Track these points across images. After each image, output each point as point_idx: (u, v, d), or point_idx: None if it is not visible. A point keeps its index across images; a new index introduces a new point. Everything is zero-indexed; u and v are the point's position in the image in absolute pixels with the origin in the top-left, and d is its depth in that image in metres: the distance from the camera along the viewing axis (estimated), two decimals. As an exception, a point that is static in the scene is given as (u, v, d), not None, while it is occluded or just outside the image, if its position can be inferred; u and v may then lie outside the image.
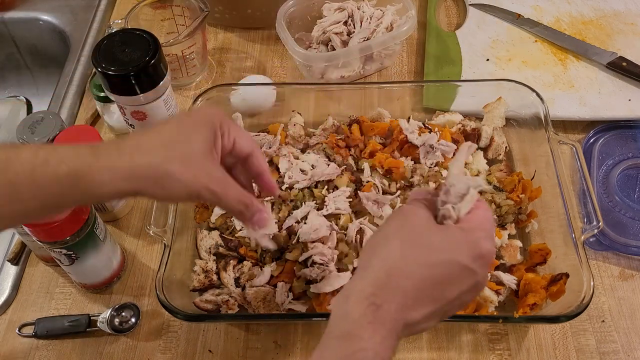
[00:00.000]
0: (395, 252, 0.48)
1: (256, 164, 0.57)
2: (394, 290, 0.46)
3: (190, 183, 0.50)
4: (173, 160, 0.49)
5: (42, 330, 0.74)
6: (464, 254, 0.48)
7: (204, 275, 0.74)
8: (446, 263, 0.47)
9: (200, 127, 0.52)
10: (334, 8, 1.00)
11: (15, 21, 1.15)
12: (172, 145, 0.50)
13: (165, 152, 0.50)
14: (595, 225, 0.69)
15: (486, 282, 0.51)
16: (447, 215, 0.51)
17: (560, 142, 0.77)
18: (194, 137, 0.51)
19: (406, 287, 0.46)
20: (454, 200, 0.51)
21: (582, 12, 1.06)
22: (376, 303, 0.45)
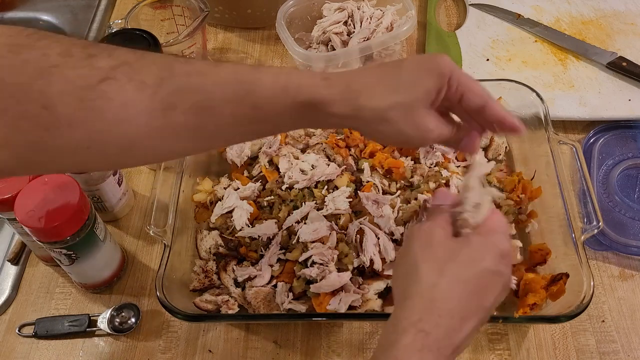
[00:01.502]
0: (430, 277, 0.48)
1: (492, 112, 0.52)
2: (439, 315, 0.46)
3: (403, 131, 0.51)
4: (394, 108, 0.50)
5: (42, 330, 0.74)
6: (489, 260, 0.49)
7: (204, 275, 0.74)
8: (477, 274, 0.48)
9: (428, 76, 0.51)
10: (334, 8, 1.00)
11: (15, 21, 1.15)
12: (397, 92, 0.50)
13: (389, 98, 0.50)
14: (595, 225, 0.69)
15: (511, 277, 0.53)
16: (465, 224, 0.52)
17: (560, 142, 0.77)
18: (421, 86, 0.50)
19: (450, 309, 0.47)
20: (470, 210, 0.52)
21: (582, 12, 1.06)
22: (425, 330, 0.45)
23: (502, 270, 0.50)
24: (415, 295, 0.48)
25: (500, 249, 0.50)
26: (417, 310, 0.47)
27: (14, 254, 0.81)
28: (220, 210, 0.78)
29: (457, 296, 0.47)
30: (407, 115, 0.50)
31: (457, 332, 0.47)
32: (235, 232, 0.76)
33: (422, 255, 0.50)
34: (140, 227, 0.84)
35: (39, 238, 0.66)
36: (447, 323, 0.46)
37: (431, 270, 0.48)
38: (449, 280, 0.48)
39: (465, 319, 0.47)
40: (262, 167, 0.82)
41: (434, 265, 0.49)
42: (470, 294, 0.48)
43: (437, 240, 0.51)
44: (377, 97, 0.50)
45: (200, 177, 0.83)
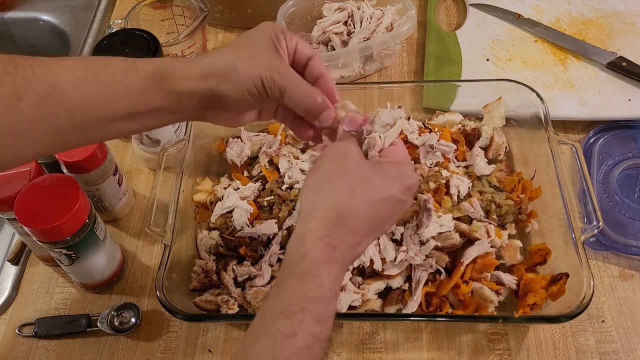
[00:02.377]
0: (341, 193, 0.51)
1: (316, 67, 0.58)
2: (345, 231, 0.49)
3: (255, 74, 0.53)
4: (240, 58, 0.54)
5: (42, 330, 0.74)
6: (398, 188, 0.53)
7: (204, 275, 0.74)
8: (386, 199, 0.52)
9: (263, 35, 0.56)
10: (334, 8, 1.00)
11: (15, 21, 1.15)
12: (239, 48, 0.55)
13: (233, 52, 0.54)
14: (595, 225, 0.69)
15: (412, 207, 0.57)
16: (373, 144, 0.55)
17: (560, 142, 0.77)
18: (259, 41, 0.55)
19: (356, 226, 0.50)
20: (380, 130, 0.56)
21: (582, 12, 1.06)
22: (331, 244, 0.48)
23: (406, 199, 0.54)
24: (326, 209, 0.50)
25: (409, 181, 0.54)
26: (325, 225, 0.49)
27: (14, 254, 0.81)
28: (220, 210, 0.78)
29: (363, 216, 0.50)
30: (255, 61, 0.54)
31: (357, 246, 0.51)
32: (235, 232, 0.76)
33: (336, 173, 0.52)
34: (140, 227, 0.84)
35: (39, 238, 0.66)
36: (351, 239, 0.50)
37: (345, 187, 0.51)
38: (360, 201, 0.51)
39: (365, 237, 0.51)
40: (262, 167, 0.82)
41: (348, 183, 0.51)
42: (375, 216, 0.51)
43: (352, 158, 0.53)
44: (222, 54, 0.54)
45: (200, 177, 0.83)
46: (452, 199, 0.76)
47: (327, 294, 0.47)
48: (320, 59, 0.58)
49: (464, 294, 0.70)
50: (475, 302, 0.70)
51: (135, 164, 0.91)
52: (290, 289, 0.47)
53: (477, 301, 0.70)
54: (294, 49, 0.57)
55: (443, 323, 0.73)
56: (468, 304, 0.70)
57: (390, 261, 0.71)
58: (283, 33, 0.56)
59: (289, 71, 0.55)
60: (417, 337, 0.73)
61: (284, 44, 0.56)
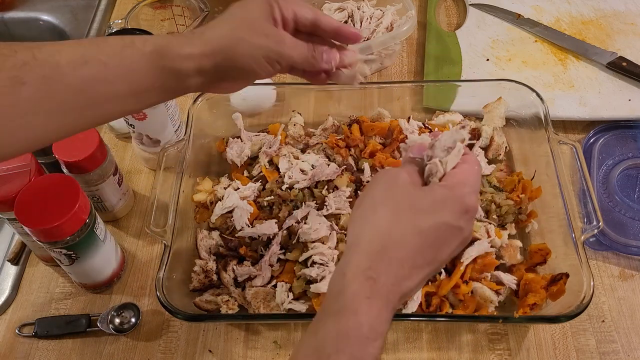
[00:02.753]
0: (385, 222, 0.46)
1: (326, 23, 0.57)
2: (389, 262, 0.45)
3: (261, 43, 0.53)
4: (239, 28, 0.54)
5: (42, 330, 0.74)
6: (450, 214, 0.47)
7: (204, 275, 0.74)
8: (436, 226, 0.46)
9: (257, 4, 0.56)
10: (334, 8, 1.00)
11: (15, 21, 1.15)
12: (237, 19, 0.55)
13: (231, 24, 0.54)
14: (595, 225, 0.69)
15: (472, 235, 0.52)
16: (434, 170, 0.49)
17: (560, 142, 0.77)
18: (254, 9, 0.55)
19: (401, 257, 0.45)
20: (441, 155, 0.50)
21: (582, 12, 1.06)
22: (373, 277, 0.44)
23: (463, 225, 0.48)
24: (368, 240, 0.46)
25: (464, 204, 0.48)
26: (367, 257, 0.45)
27: (14, 254, 0.81)
28: (220, 210, 0.78)
29: (410, 246, 0.46)
30: (254, 29, 0.54)
31: (406, 280, 0.46)
32: (235, 232, 0.76)
33: (382, 200, 0.48)
34: (140, 227, 0.84)
35: (39, 238, 0.66)
36: (396, 271, 0.45)
37: (388, 216, 0.47)
38: (405, 228, 0.46)
39: (416, 269, 0.46)
40: (262, 167, 0.82)
41: (391, 211, 0.47)
42: (425, 246, 0.46)
43: (401, 184, 0.49)
44: (220, 26, 0.54)
45: (200, 177, 0.83)
46: (452, 199, 0.76)
47: (366, 334, 0.42)
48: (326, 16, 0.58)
49: (464, 294, 0.70)
50: (475, 302, 0.70)
51: (135, 164, 0.91)
52: (327, 326, 0.43)
53: (477, 301, 0.70)
54: (292, 17, 0.56)
55: (443, 323, 0.73)
56: (468, 304, 0.70)
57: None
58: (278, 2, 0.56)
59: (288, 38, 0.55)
60: (417, 337, 0.73)
61: (278, 13, 0.55)
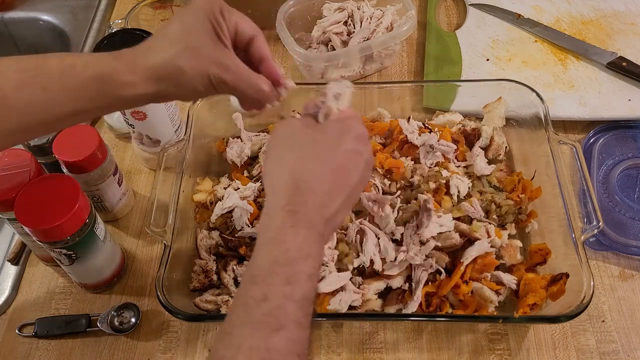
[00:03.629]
0: (292, 163, 0.51)
1: (258, 48, 0.56)
2: (304, 195, 0.50)
3: (202, 75, 0.52)
4: (182, 55, 0.51)
5: (42, 330, 0.74)
6: (346, 141, 0.53)
7: (204, 275, 0.74)
8: (336, 154, 0.52)
9: (201, 17, 0.53)
10: (334, 8, 1.00)
11: (15, 21, 1.15)
12: (180, 41, 0.52)
13: (174, 48, 0.52)
14: (595, 225, 0.69)
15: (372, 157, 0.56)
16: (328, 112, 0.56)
17: (560, 142, 0.77)
18: (198, 28, 0.52)
19: (314, 187, 0.50)
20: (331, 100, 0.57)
21: (582, 12, 1.06)
22: (292, 210, 0.49)
23: (361, 149, 0.53)
24: (284, 183, 0.51)
25: (355, 131, 0.54)
26: (284, 196, 0.50)
27: (14, 254, 0.81)
28: (220, 210, 0.78)
29: (319, 176, 0.51)
30: (199, 59, 0.52)
31: (325, 207, 0.50)
32: (235, 232, 0.76)
33: (284, 145, 0.53)
34: (140, 227, 0.84)
35: (39, 238, 0.66)
36: (313, 200, 0.50)
37: (293, 158, 0.51)
38: (310, 163, 0.51)
39: (331, 195, 0.51)
40: (262, 167, 0.82)
41: (295, 153, 0.52)
42: (333, 172, 0.51)
43: (298, 128, 0.54)
44: (163, 51, 0.52)
45: (200, 177, 0.83)
46: (452, 199, 0.76)
47: (294, 255, 0.47)
48: (263, 40, 0.56)
49: (464, 294, 0.70)
50: (475, 302, 0.70)
51: (135, 164, 0.91)
52: (258, 258, 0.48)
53: (477, 301, 0.70)
54: (234, 30, 0.55)
55: (443, 323, 0.73)
56: (468, 304, 0.70)
57: (390, 261, 0.71)
58: (221, 11, 0.53)
59: (235, 64, 0.54)
60: (417, 337, 0.73)
61: (225, 27, 0.53)
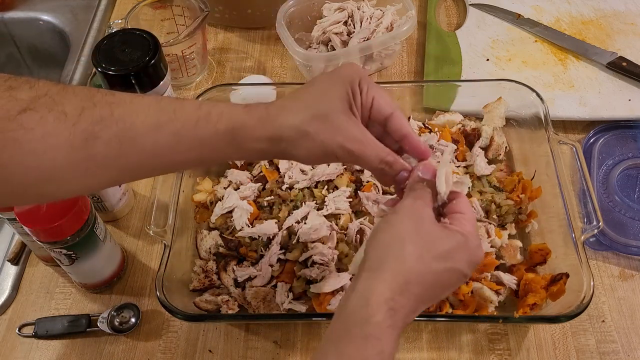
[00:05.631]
0: (412, 259, 0.49)
1: (398, 125, 0.54)
2: (408, 297, 0.48)
3: (326, 142, 0.51)
4: (311, 121, 0.51)
5: (42, 330, 0.74)
6: (463, 262, 0.51)
7: (204, 275, 0.74)
8: (451, 271, 0.50)
9: (339, 85, 0.53)
10: (334, 8, 1.00)
11: (15, 21, 1.15)
12: (312, 106, 0.52)
13: (304, 112, 0.52)
14: (595, 225, 0.69)
15: None
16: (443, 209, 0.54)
17: (560, 142, 0.77)
18: (332, 95, 0.52)
19: (418, 293, 0.49)
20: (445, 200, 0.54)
21: (582, 12, 1.06)
22: (394, 308, 0.47)
23: (468, 273, 0.52)
24: (395, 272, 0.48)
25: (477, 257, 0.52)
26: (391, 287, 0.48)
27: (14, 254, 0.81)
28: (220, 210, 0.78)
29: (426, 284, 0.49)
30: (326, 125, 0.51)
31: (414, 313, 0.50)
32: (235, 232, 0.76)
33: (411, 236, 0.50)
34: (140, 227, 0.84)
35: (39, 238, 0.66)
36: (411, 305, 0.49)
37: (415, 253, 0.49)
38: (425, 268, 0.49)
39: (423, 303, 0.50)
40: (262, 167, 0.82)
41: (418, 249, 0.49)
42: (436, 285, 0.50)
43: (427, 222, 0.51)
44: (293, 114, 0.52)
45: (200, 177, 0.83)
46: (452, 199, 0.76)
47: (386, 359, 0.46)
48: (401, 116, 0.54)
49: (464, 294, 0.70)
50: (475, 302, 0.70)
51: (135, 164, 0.91)
52: (353, 351, 0.46)
53: (477, 301, 0.70)
54: (370, 105, 0.54)
55: (443, 323, 0.73)
56: (468, 304, 0.70)
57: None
58: (361, 85, 0.53)
59: (362, 135, 0.52)
60: (417, 337, 0.73)
61: (359, 99, 0.53)
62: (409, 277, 0.48)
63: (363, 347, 0.46)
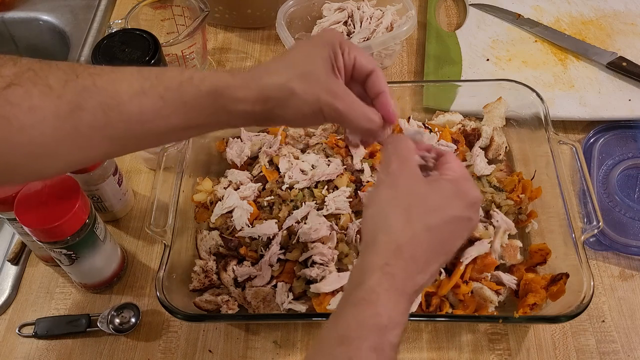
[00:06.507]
0: (398, 225, 0.49)
1: (376, 82, 0.56)
2: (404, 259, 0.47)
3: (313, 100, 0.52)
4: (296, 79, 0.52)
5: (42, 330, 0.74)
6: (458, 207, 0.50)
7: (204, 275, 0.74)
8: (447, 221, 0.49)
9: (321, 47, 0.54)
10: (334, 8, 1.00)
11: (15, 21, 1.15)
12: (295, 66, 0.53)
13: (288, 72, 0.53)
14: (595, 225, 0.69)
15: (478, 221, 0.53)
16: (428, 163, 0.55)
17: (560, 142, 0.77)
18: (315, 56, 0.53)
19: (415, 254, 0.48)
20: None
21: (582, 12, 1.06)
22: (390, 272, 0.47)
23: (471, 216, 0.51)
24: (383, 241, 0.48)
25: (470, 197, 0.51)
26: (383, 255, 0.48)
27: (14, 254, 0.81)
28: (220, 210, 0.78)
29: (423, 243, 0.48)
30: (312, 84, 0.52)
31: (420, 273, 0.48)
32: (235, 232, 0.76)
33: (392, 201, 0.50)
34: (140, 227, 0.84)
35: (39, 238, 0.66)
36: (411, 267, 0.48)
37: (399, 217, 0.49)
38: (417, 227, 0.48)
39: (429, 262, 0.49)
40: (262, 167, 0.82)
41: (403, 214, 0.49)
42: (437, 240, 0.49)
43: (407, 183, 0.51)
44: (278, 74, 0.53)
45: (200, 177, 0.83)
46: (452, 199, 0.76)
47: (385, 323, 0.45)
48: (380, 74, 0.56)
49: (464, 294, 0.70)
50: (475, 302, 0.70)
51: (135, 164, 0.91)
52: (348, 316, 0.46)
53: (477, 301, 0.70)
54: (352, 64, 0.55)
55: (443, 323, 0.73)
56: (468, 304, 0.70)
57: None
58: (342, 47, 0.54)
59: (347, 94, 0.53)
60: (417, 337, 0.73)
61: (341, 60, 0.54)
62: (399, 242, 0.48)
63: (357, 310, 0.46)
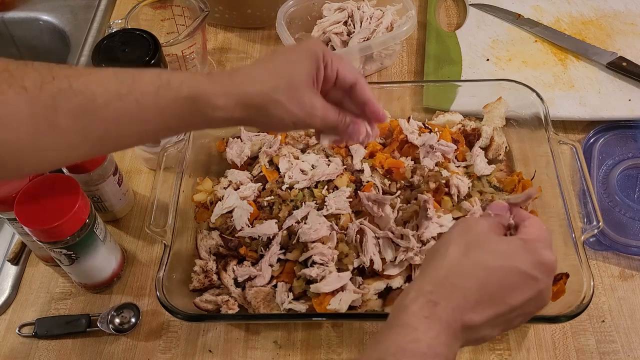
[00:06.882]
0: (455, 254, 0.49)
1: (360, 93, 0.58)
2: (452, 289, 0.47)
3: (295, 112, 0.54)
4: (279, 91, 0.53)
5: (42, 330, 0.74)
6: (524, 261, 0.49)
7: (204, 275, 0.74)
8: (506, 268, 0.49)
9: (305, 59, 0.55)
10: (334, 8, 1.00)
11: (15, 21, 1.15)
12: (279, 76, 0.54)
13: (272, 82, 0.54)
14: (595, 225, 0.69)
15: (550, 292, 0.52)
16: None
17: (560, 142, 0.77)
18: (299, 68, 0.55)
19: (465, 287, 0.47)
20: None
21: (582, 12, 1.06)
22: (433, 300, 0.47)
23: (537, 276, 0.49)
24: (435, 267, 0.49)
25: (540, 256, 0.49)
26: (430, 282, 0.48)
27: (14, 254, 0.81)
28: (220, 210, 0.78)
29: (476, 279, 0.48)
30: (292, 95, 0.54)
31: (469, 312, 0.47)
32: (235, 232, 0.76)
33: (457, 237, 0.51)
34: (140, 227, 0.84)
35: (39, 238, 0.66)
36: (458, 299, 0.47)
37: (459, 249, 0.49)
38: (472, 262, 0.48)
39: (481, 304, 0.47)
40: (262, 167, 0.82)
41: (463, 247, 0.50)
42: (491, 282, 0.48)
43: (477, 229, 0.51)
44: (261, 82, 0.54)
45: (200, 177, 0.83)
46: (452, 199, 0.76)
47: (424, 351, 0.45)
48: (364, 84, 0.58)
49: (464, 294, 0.70)
50: (475, 302, 0.70)
51: (135, 164, 0.91)
52: (388, 339, 0.46)
53: (477, 301, 0.70)
54: (334, 77, 0.57)
55: (443, 323, 0.73)
56: (468, 304, 0.70)
57: (390, 261, 0.71)
58: (325, 59, 0.56)
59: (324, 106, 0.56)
60: (417, 337, 0.72)
61: (322, 74, 0.56)
62: (449, 271, 0.48)
63: (397, 334, 0.46)
